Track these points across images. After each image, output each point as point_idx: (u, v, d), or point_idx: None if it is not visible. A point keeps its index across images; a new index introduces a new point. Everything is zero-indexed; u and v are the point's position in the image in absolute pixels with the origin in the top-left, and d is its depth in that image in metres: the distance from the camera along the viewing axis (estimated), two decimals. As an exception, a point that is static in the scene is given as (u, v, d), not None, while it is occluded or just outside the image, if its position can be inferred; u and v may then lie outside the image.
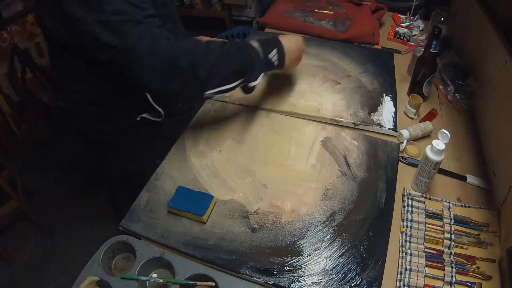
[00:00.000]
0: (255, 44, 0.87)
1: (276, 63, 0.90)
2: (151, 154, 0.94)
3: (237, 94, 1.08)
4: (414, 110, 1.02)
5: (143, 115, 1.00)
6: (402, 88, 1.13)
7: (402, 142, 0.94)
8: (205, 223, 0.76)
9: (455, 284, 0.67)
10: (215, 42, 0.82)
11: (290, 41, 0.95)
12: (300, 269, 0.68)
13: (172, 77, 0.75)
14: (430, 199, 0.81)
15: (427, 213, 0.78)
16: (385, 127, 0.98)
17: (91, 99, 0.94)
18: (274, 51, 0.89)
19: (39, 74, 1.32)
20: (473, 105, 1.07)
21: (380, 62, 1.22)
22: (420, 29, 1.41)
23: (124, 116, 0.99)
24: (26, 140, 2.15)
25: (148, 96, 0.98)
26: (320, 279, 0.67)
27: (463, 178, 0.88)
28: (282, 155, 0.91)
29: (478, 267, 0.70)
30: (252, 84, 0.88)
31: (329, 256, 0.70)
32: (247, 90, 0.90)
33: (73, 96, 0.96)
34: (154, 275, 0.70)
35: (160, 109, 1.02)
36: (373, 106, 1.04)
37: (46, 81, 1.39)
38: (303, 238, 0.73)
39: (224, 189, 0.83)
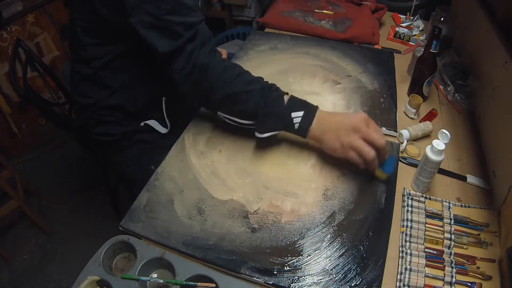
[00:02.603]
0: (286, 96, 0.81)
1: (297, 126, 0.79)
2: (150, 161, 0.94)
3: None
4: (414, 110, 1.02)
5: (148, 122, 1.00)
6: (402, 88, 1.13)
7: (402, 142, 0.94)
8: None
9: (455, 284, 0.67)
10: (247, 76, 0.82)
11: (335, 116, 0.80)
12: (300, 269, 0.68)
13: (194, 85, 0.82)
14: (430, 199, 0.82)
15: (427, 213, 0.78)
16: (384, 128, 0.98)
17: (107, 100, 0.94)
18: (301, 113, 0.79)
19: (42, 71, 1.32)
20: (473, 105, 1.07)
21: (380, 62, 1.22)
22: (420, 29, 1.41)
23: (130, 121, 0.99)
24: (26, 140, 2.15)
25: (164, 106, 0.99)
26: (320, 279, 0.67)
27: (463, 178, 0.88)
28: (282, 155, 0.91)
29: (478, 267, 0.70)
30: (257, 135, 0.82)
31: (329, 256, 0.70)
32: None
33: (84, 97, 0.96)
34: (155, 275, 0.70)
35: (168, 122, 1.02)
36: (373, 106, 1.04)
37: (49, 79, 1.38)
38: (303, 238, 0.73)
39: (224, 189, 0.83)
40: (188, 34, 0.77)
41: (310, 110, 0.80)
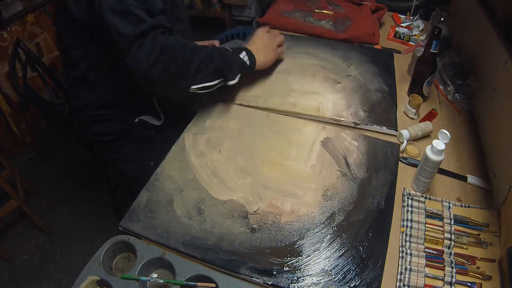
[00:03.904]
0: (228, 48, 0.98)
1: (248, 62, 0.99)
2: (149, 157, 0.94)
3: (238, 94, 1.08)
4: (414, 110, 1.02)
5: (142, 117, 1.00)
6: (402, 88, 1.13)
7: (402, 142, 0.94)
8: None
9: (455, 284, 0.67)
10: (198, 45, 0.92)
11: (253, 42, 1.06)
12: (299, 270, 0.68)
13: (165, 69, 0.82)
14: (430, 199, 0.81)
15: (427, 213, 0.78)
16: (385, 127, 0.98)
17: (98, 100, 0.94)
18: (244, 53, 0.99)
19: (41, 71, 1.32)
20: (473, 105, 1.07)
21: (380, 62, 1.22)
22: (420, 29, 1.41)
23: (124, 118, 0.99)
24: (26, 140, 2.15)
25: (154, 98, 0.99)
26: (320, 280, 0.67)
27: (463, 178, 0.88)
28: (282, 155, 0.91)
29: (478, 267, 0.70)
30: (231, 83, 0.96)
31: (329, 257, 0.70)
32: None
33: (77, 100, 0.96)
34: (155, 275, 0.70)
35: (160, 112, 1.02)
36: (373, 106, 1.04)
37: (49, 79, 1.38)
38: (303, 238, 0.73)
39: (224, 189, 0.83)
40: (151, 20, 0.78)
41: (245, 48, 1.01)
